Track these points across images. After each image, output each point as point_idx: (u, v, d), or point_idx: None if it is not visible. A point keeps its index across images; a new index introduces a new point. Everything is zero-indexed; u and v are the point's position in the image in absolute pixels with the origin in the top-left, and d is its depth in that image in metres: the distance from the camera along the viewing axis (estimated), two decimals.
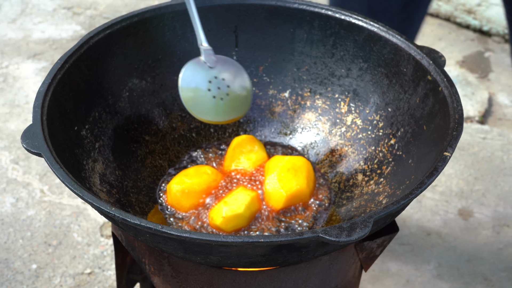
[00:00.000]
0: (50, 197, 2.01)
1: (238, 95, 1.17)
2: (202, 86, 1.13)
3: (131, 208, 1.11)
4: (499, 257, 1.90)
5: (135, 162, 1.18)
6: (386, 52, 1.17)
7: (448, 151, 0.94)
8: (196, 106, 1.12)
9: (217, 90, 1.14)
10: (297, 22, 1.24)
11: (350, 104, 1.24)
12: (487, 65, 2.76)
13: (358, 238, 0.80)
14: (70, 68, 1.07)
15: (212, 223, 1.08)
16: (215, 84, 1.14)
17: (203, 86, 1.13)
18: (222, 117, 1.16)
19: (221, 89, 1.15)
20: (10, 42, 2.75)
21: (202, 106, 1.13)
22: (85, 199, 0.86)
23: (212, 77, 1.14)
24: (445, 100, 1.04)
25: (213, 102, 1.14)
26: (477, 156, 2.27)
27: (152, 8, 1.20)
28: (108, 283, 1.77)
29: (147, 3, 3.08)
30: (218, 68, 1.15)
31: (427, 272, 1.86)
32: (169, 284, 1.07)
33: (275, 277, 1.00)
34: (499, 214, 2.03)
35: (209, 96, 1.13)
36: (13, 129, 2.27)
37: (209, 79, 1.14)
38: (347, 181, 1.19)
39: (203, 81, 1.13)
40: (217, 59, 1.15)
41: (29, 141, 0.92)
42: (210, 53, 1.14)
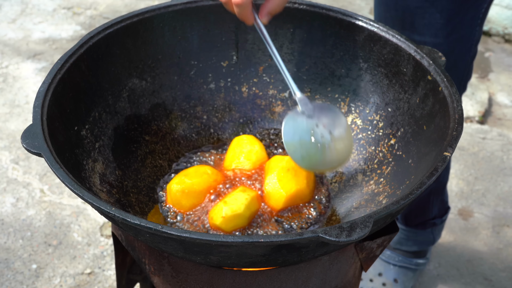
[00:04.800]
0: (50, 197, 2.01)
1: (342, 140, 1.11)
2: (305, 137, 1.08)
3: (131, 208, 1.11)
4: (499, 257, 1.90)
5: (135, 162, 1.18)
6: (386, 52, 1.17)
7: (448, 151, 0.94)
8: (305, 158, 1.08)
9: (321, 138, 1.08)
10: (297, 22, 1.23)
11: (350, 104, 1.24)
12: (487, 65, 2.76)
13: (358, 238, 0.80)
14: (70, 68, 1.07)
15: (212, 223, 1.08)
16: (318, 133, 1.09)
17: (307, 137, 1.08)
18: (331, 164, 1.11)
19: (324, 137, 1.09)
20: (10, 42, 2.75)
21: (310, 157, 1.08)
22: (85, 199, 0.86)
23: (314, 126, 1.09)
24: (445, 100, 1.04)
25: (320, 151, 1.09)
26: (477, 156, 2.27)
27: (152, 8, 1.20)
28: (108, 283, 1.77)
29: (147, 3, 3.08)
30: (317, 116, 1.09)
31: (427, 272, 1.86)
32: (169, 284, 1.07)
33: (275, 277, 1.00)
34: (499, 214, 2.03)
35: (315, 146, 1.08)
36: (13, 129, 2.27)
37: (311, 128, 1.08)
38: (347, 181, 1.19)
39: (305, 132, 1.08)
40: (313, 107, 1.09)
41: (29, 141, 0.92)
42: (306, 101, 1.09)
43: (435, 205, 1.72)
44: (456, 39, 1.40)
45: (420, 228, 1.74)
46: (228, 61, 1.27)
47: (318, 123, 1.09)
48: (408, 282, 1.79)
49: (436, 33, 1.39)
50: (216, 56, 1.26)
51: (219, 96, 1.28)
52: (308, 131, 1.08)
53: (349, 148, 1.12)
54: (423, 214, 1.72)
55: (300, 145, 1.08)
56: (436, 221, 1.74)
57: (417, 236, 1.76)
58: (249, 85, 1.29)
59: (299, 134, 1.08)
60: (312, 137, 1.08)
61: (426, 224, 1.73)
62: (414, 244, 1.77)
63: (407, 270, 1.80)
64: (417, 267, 1.81)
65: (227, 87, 1.28)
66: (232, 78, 1.28)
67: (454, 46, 1.41)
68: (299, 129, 1.08)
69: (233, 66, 1.28)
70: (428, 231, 1.75)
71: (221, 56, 1.27)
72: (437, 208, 1.73)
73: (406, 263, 1.79)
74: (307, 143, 1.08)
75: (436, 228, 1.76)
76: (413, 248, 1.78)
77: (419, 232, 1.75)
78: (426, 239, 1.77)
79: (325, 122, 1.10)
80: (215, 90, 1.28)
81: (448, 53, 1.33)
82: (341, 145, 1.11)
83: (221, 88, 1.28)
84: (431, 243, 1.79)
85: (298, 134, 1.08)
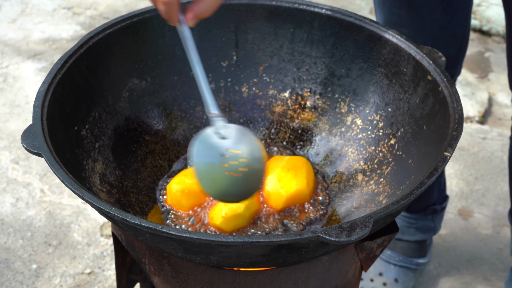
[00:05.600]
0: (50, 197, 2.01)
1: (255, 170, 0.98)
2: (215, 161, 0.95)
3: (131, 208, 1.11)
4: (499, 257, 1.90)
5: (135, 162, 1.18)
6: (386, 52, 1.17)
7: (448, 151, 0.94)
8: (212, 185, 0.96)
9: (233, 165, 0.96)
10: (297, 22, 1.24)
11: (350, 104, 1.24)
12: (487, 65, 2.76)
13: (358, 238, 0.80)
14: (70, 68, 1.07)
15: (212, 223, 1.08)
16: (231, 159, 0.96)
17: (217, 161, 0.95)
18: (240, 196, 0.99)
19: (238, 163, 0.96)
20: (10, 42, 2.75)
21: (218, 184, 0.96)
22: (85, 199, 0.86)
23: (225, 150, 0.96)
24: (445, 100, 1.04)
25: (229, 179, 0.96)
26: (477, 156, 2.27)
27: (152, 8, 1.20)
28: (108, 283, 1.77)
29: (147, 3, 3.08)
30: (233, 140, 0.97)
31: (427, 272, 1.86)
32: (169, 284, 1.07)
33: (275, 277, 1.00)
34: (499, 214, 2.03)
35: (223, 172, 0.95)
36: (13, 129, 2.27)
37: (222, 152, 0.96)
38: (347, 181, 1.19)
39: (215, 156, 0.95)
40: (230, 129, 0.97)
41: (29, 141, 0.92)
42: (222, 123, 0.97)
43: (435, 190, 1.73)
44: (452, 11, 1.44)
45: (421, 214, 1.75)
46: (228, 61, 1.27)
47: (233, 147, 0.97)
48: (408, 282, 1.79)
49: (433, 10, 1.42)
50: (216, 56, 1.26)
51: (219, 96, 1.28)
52: (218, 155, 0.96)
53: (260, 180, 1.00)
54: (423, 199, 1.73)
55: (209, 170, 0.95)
56: (436, 207, 1.76)
57: (418, 222, 1.76)
58: (249, 85, 1.29)
59: (209, 156, 0.96)
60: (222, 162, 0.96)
61: (426, 210, 1.74)
62: (416, 232, 1.78)
63: (408, 270, 1.80)
64: (418, 267, 1.81)
65: (227, 87, 1.28)
66: (232, 78, 1.28)
67: (452, 18, 1.45)
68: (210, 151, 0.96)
69: (233, 66, 1.28)
70: (429, 218, 1.76)
71: (221, 56, 1.27)
72: (435, 193, 1.74)
73: (406, 262, 1.79)
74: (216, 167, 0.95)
75: (437, 216, 1.77)
76: (415, 237, 1.78)
77: (420, 218, 1.76)
78: (427, 226, 1.77)
79: (242, 148, 0.97)
80: (215, 90, 1.28)
81: (446, 24, 1.43)
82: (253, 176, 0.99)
83: (221, 88, 1.28)
84: (432, 232, 1.80)
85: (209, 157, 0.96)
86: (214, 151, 0.96)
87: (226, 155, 0.96)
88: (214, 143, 0.96)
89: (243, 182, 0.97)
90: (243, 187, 0.98)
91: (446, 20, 1.44)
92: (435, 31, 1.45)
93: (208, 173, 0.95)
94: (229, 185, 0.97)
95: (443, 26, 1.45)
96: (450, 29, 1.47)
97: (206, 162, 0.95)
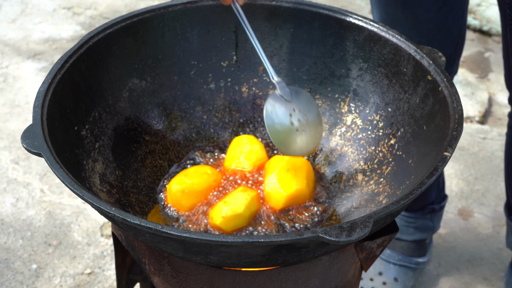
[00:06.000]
0: (50, 197, 2.01)
1: (314, 124, 1.15)
2: (285, 121, 1.12)
3: (131, 208, 1.11)
4: (499, 257, 1.90)
5: (135, 162, 1.18)
6: (386, 52, 1.17)
7: (448, 151, 0.94)
8: (284, 142, 1.11)
9: (298, 122, 1.13)
10: (297, 22, 1.24)
11: (350, 104, 1.24)
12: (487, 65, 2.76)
13: (358, 238, 0.80)
14: (70, 68, 1.07)
15: (212, 223, 1.08)
16: (296, 117, 1.13)
17: (286, 121, 1.12)
18: (306, 149, 1.15)
19: (301, 121, 1.13)
20: (10, 42, 2.75)
21: (289, 140, 1.12)
22: (85, 199, 0.86)
23: (292, 110, 1.13)
24: (445, 100, 1.04)
25: (297, 135, 1.13)
26: (477, 156, 2.27)
27: (152, 8, 1.20)
28: (108, 283, 1.77)
29: (147, 3, 3.08)
30: (294, 100, 1.13)
31: (427, 272, 1.86)
32: (169, 284, 1.07)
33: (275, 277, 1.00)
34: (499, 214, 2.03)
35: (294, 130, 1.12)
36: (13, 129, 2.27)
37: (289, 112, 1.13)
38: (347, 181, 1.19)
39: (285, 116, 1.12)
40: (290, 91, 1.13)
41: (29, 141, 0.92)
42: (284, 86, 1.13)
43: (433, 189, 1.73)
44: (447, 10, 1.44)
45: (420, 213, 1.75)
46: (228, 61, 1.27)
47: (295, 108, 1.13)
48: (408, 281, 1.79)
49: (428, 8, 1.42)
50: (216, 56, 1.26)
51: (219, 96, 1.28)
52: (287, 115, 1.12)
53: (321, 133, 1.18)
54: (422, 198, 1.73)
55: (280, 129, 1.11)
56: (435, 206, 1.76)
57: (417, 222, 1.76)
58: (249, 85, 1.29)
59: (279, 118, 1.12)
60: (291, 121, 1.12)
61: (425, 209, 1.74)
62: (414, 231, 1.78)
63: (408, 269, 1.80)
64: (417, 266, 1.81)
65: (227, 87, 1.28)
66: (232, 78, 1.28)
67: (447, 16, 1.46)
68: (279, 113, 1.12)
69: (233, 66, 1.28)
70: (428, 217, 1.76)
71: (221, 56, 1.27)
72: (434, 193, 1.74)
73: (406, 262, 1.79)
74: (286, 126, 1.12)
75: (435, 215, 1.77)
76: (414, 236, 1.78)
77: (418, 217, 1.76)
78: (426, 225, 1.77)
79: (302, 107, 1.14)
80: (215, 90, 1.28)
81: (441, 23, 1.44)
82: (315, 130, 1.16)
83: (221, 88, 1.28)
84: (431, 231, 1.80)
85: (278, 118, 1.12)
86: (284, 112, 1.12)
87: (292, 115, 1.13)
88: (281, 105, 1.12)
89: (308, 136, 1.15)
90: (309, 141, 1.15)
91: (441, 19, 1.44)
92: (431, 30, 1.45)
93: (282, 133, 1.12)
94: (299, 140, 1.13)
95: (438, 25, 1.45)
96: (446, 28, 1.47)
97: (278, 123, 1.11)
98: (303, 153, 1.15)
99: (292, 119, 1.12)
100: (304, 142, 1.14)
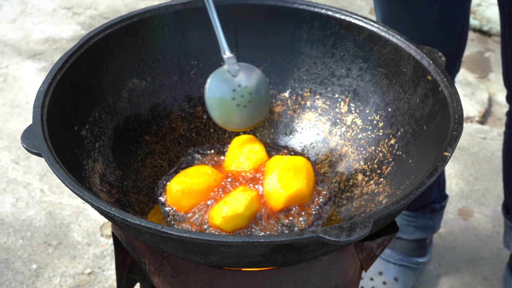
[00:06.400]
0: (50, 197, 2.01)
1: (259, 101, 1.19)
2: (227, 95, 1.15)
3: (131, 208, 1.11)
4: (499, 257, 1.90)
5: (135, 162, 1.18)
6: (386, 52, 1.17)
7: (448, 151, 0.94)
8: (222, 115, 1.15)
9: (240, 98, 1.16)
10: (297, 22, 1.24)
11: (350, 104, 1.24)
12: (487, 65, 2.76)
13: (358, 238, 0.80)
14: (70, 68, 1.07)
15: (212, 223, 1.08)
16: (239, 92, 1.16)
17: (228, 95, 1.15)
18: (245, 124, 1.20)
19: (244, 96, 1.16)
20: (10, 42, 2.75)
21: (227, 115, 1.16)
22: (85, 199, 0.86)
23: (236, 86, 1.16)
24: (445, 100, 1.04)
25: (237, 110, 1.16)
26: (477, 156, 2.27)
27: (152, 8, 1.20)
28: (108, 283, 1.77)
29: (147, 3, 3.08)
30: (241, 76, 1.16)
31: (427, 272, 1.86)
32: (169, 284, 1.07)
33: (275, 277, 1.00)
34: (499, 214, 2.03)
35: (234, 105, 1.16)
36: (13, 129, 2.27)
37: (233, 88, 1.16)
38: (347, 181, 1.19)
39: (227, 91, 1.15)
40: (239, 67, 1.16)
41: (29, 141, 0.92)
42: (233, 61, 1.16)
43: (434, 189, 1.73)
44: (449, 7, 1.44)
45: (420, 212, 1.75)
46: None
47: (241, 83, 1.16)
48: (408, 281, 1.79)
49: (430, 6, 1.42)
50: (216, 56, 1.26)
51: None
52: (230, 90, 1.15)
53: (266, 110, 1.21)
54: (422, 198, 1.73)
55: (220, 103, 1.15)
56: (436, 206, 1.76)
57: (417, 221, 1.77)
58: None
59: (221, 92, 1.15)
60: (233, 96, 1.15)
61: (425, 208, 1.75)
62: (415, 231, 1.78)
63: (408, 269, 1.80)
64: (418, 266, 1.81)
65: None
66: None
67: (449, 14, 1.46)
68: (223, 87, 1.15)
69: None
70: (428, 217, 1.76)
71: (221, 56, 1.27)
72: (435, 192, 1.74)
73: (406, 262, 1.79)
74: (227, 101, 1.15)
75: (436, 214, 1.77)
76: (415, 235, 1.78)
77: (419, 216, 1.76)
78: (426, 225, 1.77)
79: (248, 83, 1.17)
80: None
81: (444, 21, 1.44)
82: (258, 107, 1.19)
83: None
84: (431, 230, 1.80)
85: (220, 92, 1.15)
86: (227, 86, 1.15)
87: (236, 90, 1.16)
88: (227, 79, 1.15)
89: (249, 112, 1.18)
90: (250, 117, 1.19)
91: (444, 17, 1.44)
92: (433, 28, 1.45)
93: (221, 106, 1.15)
94: (238, 115, 1.17)
95: (440, 22, 1.45)
96: (448, 26, 1.47)
97: (219, 97, 1.14)
98: (241, 127, 1.20)
99: (234, 94, 1.15)
100: (245, 117, 1.18)
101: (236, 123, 1.18)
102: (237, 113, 1.17)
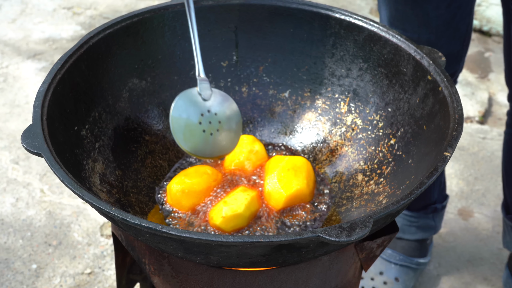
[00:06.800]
0: (50, 197, 2.01)
1: (228, 133, 1.12)
2: (193, 118, 1.08)
3: (131, 208, 1.11)
4: (499, 257, 1.90)
5: (135, 162, 1.18)
6: (386, 52, 1.17)
7: (448, 151, 0.94)
8: (185, 138, 1.07)
9: (208, 124, 1.09)
10: (297, 22, 1.24)
11: (350, 104, 1.24)
12: (487, 65, 2.76)
13: (358, 238, 0.80)
14: (70, 68, 1.07)
15: (212, 223, 1.08)
16: (207, 118, 1.09)
17: (195, 118, 1.08)
18: (210, 153, 1.11)
19: (212, 123, 1.10)
20: (10, 42, 2.75)
21: (191, 139, 1.08)
22: (85, 199, 0.86)
23: (205, 110, 1.09)
24: (445, 100, 1.04)
25: (202, 136, 1.09)
26: (477, 156, 2.27)
27: (152, 8, 1.20)
28: (108, 283, 1.77)
29: (147, 3, 3.08)
30: (212, 102, 1.10)
31: (427, 272, 1.86)
32: (169, 284, 1.07)
33: (275, 277, 1.00)
34: (499, 214, 2.03)
35: (199, 130, 1.09)
36: (13, 129, 2.27)
37: (201, 111, 1.09)
38: (347, 181, 1.19)
39: (195, 113, 1.08)
40: (212, 92, 1.11)
41: (29, 141, 0.92)
42: (207, 85, 1.10)
43: (435, 188, 1.73)
44: (456, 6, 1.45)
45: (422, 212, 1.75)
46: (228, 61, 1.27)
47: (211, 109, 1.10)
48: (409, 281, 1.79)
49: (438, 5, 1.42)
50: (216, 56, 1.26)
51: None
52: (198, 113, 1.09)
53: (234, 143, 1.13)
54: (424, 198, 1.73)
55: (185, 124, 1.07)
56: (437, 206, 1.76)
57: (419, 221, 1.77)
58: (249, 85, 1.29)
59: (188, 113, 1.07)
60: (200, 120, 1.09)
61: (427, 208, 1.75)
62: (416, 231, 1.78)
63: (408, 269, 1.80)
64: (418, 267, 1.81)
65: (227, 87, 1.28)
66: (232, 78, 1.28)
67: (456, 13, 1.46)
68: (190, 108, 1.08)
69: (233, 66, 1.28)
70: (430, 217, 1.77)
71: (221, 56, 1.27)
72: (436, 192, 1.74)
73: (407, 262, 1.79)
74: (192, 124, 1.08)
75: (437, 214, 1.78)
76: (416, 235, 1.78)
77: (421, 216, 1.76)
78: (428, 225, 1.78)
79: (218, 111, 1.10)
80: None
81: (450, 20, 1.43)
82: (225, 137, 1.12)
83: (221, 88, 1.28)
84: (432, 230, 1.80)
85: (187, 112, 1.07)
86: (195, 109, 1.08)
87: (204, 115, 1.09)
88: (196, 102, 1.09)
89: (215, 141, 1.11)
90: (215, 146, 1.11)
91: (450, 16, 1.44)
92: (439, 27, 1.45)
93: (185, 128, 1.07)
94: (202, 142, 1.09)
95: (447, 21, 1.45)
96: (454, 25, 1.47)
97: (185, 117, 1.07)
98: (204, 155, 1.11)
99: (201, 119, 1.09)
100: (210, 145, 1.10)
101: (200, 150, 1.09)
102: (202, 139, 1.09)
